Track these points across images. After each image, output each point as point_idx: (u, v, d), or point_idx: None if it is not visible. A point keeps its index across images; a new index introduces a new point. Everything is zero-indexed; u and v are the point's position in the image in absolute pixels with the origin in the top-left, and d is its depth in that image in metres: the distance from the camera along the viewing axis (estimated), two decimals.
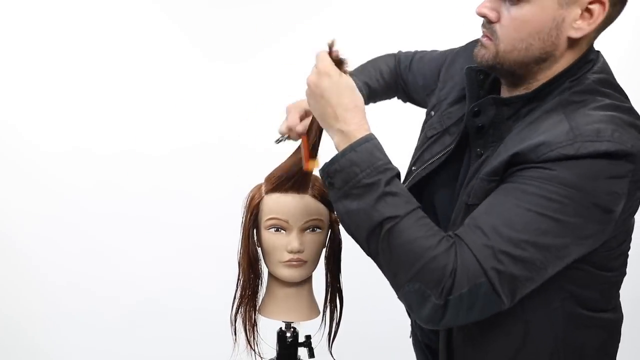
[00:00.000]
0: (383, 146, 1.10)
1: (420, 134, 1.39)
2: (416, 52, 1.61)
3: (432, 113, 1.36)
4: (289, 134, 1.33)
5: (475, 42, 1.20)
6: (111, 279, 2.57)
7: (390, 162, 1.08)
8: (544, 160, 1.03)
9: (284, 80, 2.50)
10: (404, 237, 1.03)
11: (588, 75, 1.13)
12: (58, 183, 2.55)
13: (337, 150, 1.10)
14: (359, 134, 1.08)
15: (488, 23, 1.13)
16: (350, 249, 1.40)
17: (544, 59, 1.12)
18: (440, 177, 1.29)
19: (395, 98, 1.67)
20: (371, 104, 1.59)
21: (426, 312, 1.03)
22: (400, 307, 1.25)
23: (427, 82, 1.50)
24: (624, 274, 1.21)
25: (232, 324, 1.39)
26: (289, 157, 1.31)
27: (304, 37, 2.50)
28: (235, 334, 1.39)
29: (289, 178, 1.29)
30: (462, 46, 1.41)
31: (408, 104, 1.67)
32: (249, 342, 1.38)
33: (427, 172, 1.29)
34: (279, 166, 1.32)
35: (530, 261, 1.02)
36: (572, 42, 1.11)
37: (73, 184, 2.56)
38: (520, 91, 1.16)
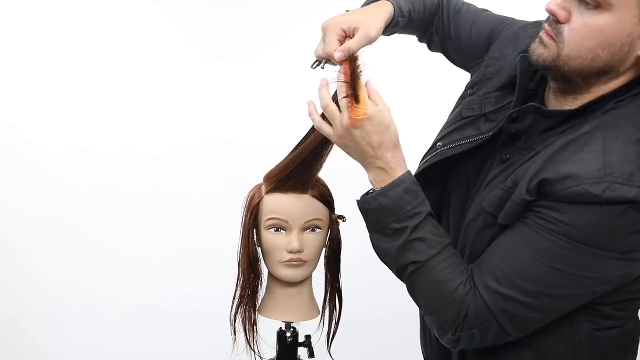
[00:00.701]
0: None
1: (455, 109, 1.32)
2: (463, 4, 1.43)
3: (473, 91, 1.26)
4: (327, 59, 1.19)
5: (538, 25, 1.11)
6: (111, 279, 2.56)
7: (421, 204, 1.12)
8: (568, 195, 0.99)
9: (284, 80, 2.51)
10: (426, 280, 1.11)
11: (639, 96, 1.06)
12: (58, 183, 2.54)
13: (372, 184, 1.14)
14: (396, 173, 1.11)
15: (555, 22, 1.04)
16: (350, 249, 1.40)
17: (606, 72, 1.04)
18: (471, 162, 1.23)
19: (417, 39, 1.49)
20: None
21: (444, 340, 1.14)
22: (399, 307, 1.25)
23: (473, 46, 1.37)
24: None
25: (231, 324, 1.39)
26: (288, 156, 1.31)
27: (304, 37, 2.50)
28: (235, 334, 1.39)
29: (289, 177, 1.28)
30: (524, 25, 1.29)
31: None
32: (248, 342, 1.38)
33: (454, 153, 1.23)
34: (278, 165, 1.31)
35: (541, 307, 1.06)
36: (639, 61, 1.03)
37: (73, 184, 2.55)
38: (568, 100, 1.10)
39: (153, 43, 2.55)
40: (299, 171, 1.27)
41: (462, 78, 1.40)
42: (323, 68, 1.20)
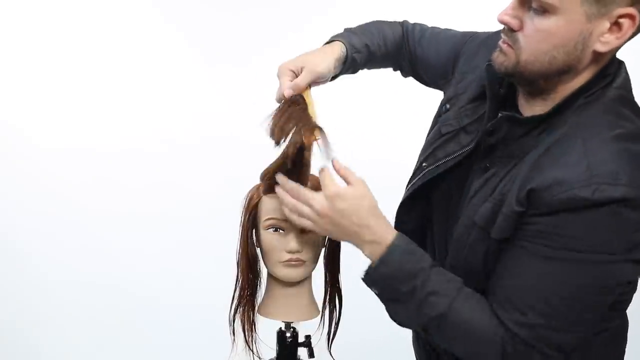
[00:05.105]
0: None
1: (432, 127, 1.33)
2: (427, 27, 1.49)
3: (448, 107, 1.29)
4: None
5: (499, 34, 1.13)
6: (110, 278, 2.57)
7: (421, 259, 1.12)
8: (558, 202, 1.00)
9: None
10: (453, 329, 1.10)
11: (606, 91, 1.07)
12: (58, 181, 2.56)
13: (369, 259, 1.15)
14: (387, 240, 1.12)
15: (510, 31, 1.07)
16: (349, 248, 1.39)
17: (566, 71, 1.06)
18: (454, 175, 1.24)
19: (392, 69, 1.55)
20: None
21: None
22: None
23: (440, 63, 1.41)
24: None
25: (230, 325, 1.39)
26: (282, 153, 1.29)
27: (303, 39, 2.50)
28: (234, 335, 1.38)
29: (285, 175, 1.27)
30: (486, 36, 1.33)
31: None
32: (247, 342, 1.38)
33: (440, 171, 1.24)
34: (271, 163, 1.30)
35: (571, 326, 1.05)
36: (597, 55, 1.05)
37: (73, 182, 2.56)
38: (537, 101, 1.11)
39: (152, 44, 2.57)
40: (290, 170, 1.26)
41: (438, 95, 1.42)
42: None
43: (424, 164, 1.28)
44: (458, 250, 1.16)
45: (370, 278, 1.15)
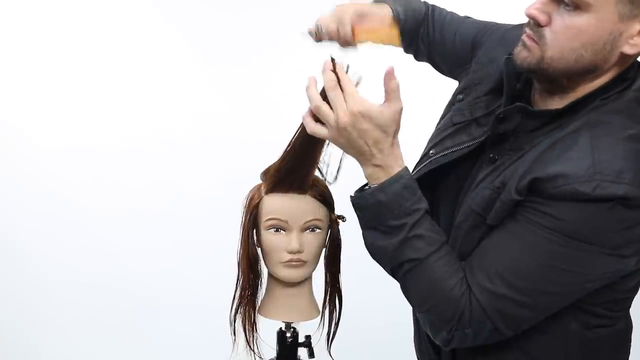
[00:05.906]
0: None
1: (444, 115, 1.31)
2: (446, 12, 1.45)
3: (462, 96, 1.26)
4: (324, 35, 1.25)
5: (522, 27, 1.11)
6: (110, 278, 2.57)
7: (419, 200, 1.10)
8: (558, 193, 1.00)
9: (284, 80, 2.51)
10: (422, 278, 1.09)
11: (624, 94, 1.06)
12: (58, 181, 2.55)
13: (368, 180, 1.12)
14: (393, 170, 1.09)
15: (536, 26, 1.04)
16: (349, 249, 1.40)
17: (591, 70, 1.04)
18: (462, 166, 1.22)
19: (402, 49, 1.47)
20: None
21: (438, 338, 1.12)
22: (399, 308, 1.25)
23: (458, 51, 1.38)
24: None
25: (231, 325, 1.39)
26: (282, 153, 1.30)
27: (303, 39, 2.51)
28: (235, 335, 1.39)
29: (283, 176, 1.27)
30: (509, 28, 1.30)
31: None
32: (248, 342, 1.38)
33: (447, 160, 1.22)
34: (274, 163, 1.30)
35: (533, 305, 1.06)
36: (623, 57, 1.04)
37: (73, 182, 2.56)
38: (554, 100, 1.10)
39: (152, 44, 2.57)
40: (291, 169, 1.26)
41: (451, 82, 1.40)
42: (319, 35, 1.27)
43: (431, 152, 1.26)
44: (455, 238, 1.16)
45: (364, 201, 1.10)
